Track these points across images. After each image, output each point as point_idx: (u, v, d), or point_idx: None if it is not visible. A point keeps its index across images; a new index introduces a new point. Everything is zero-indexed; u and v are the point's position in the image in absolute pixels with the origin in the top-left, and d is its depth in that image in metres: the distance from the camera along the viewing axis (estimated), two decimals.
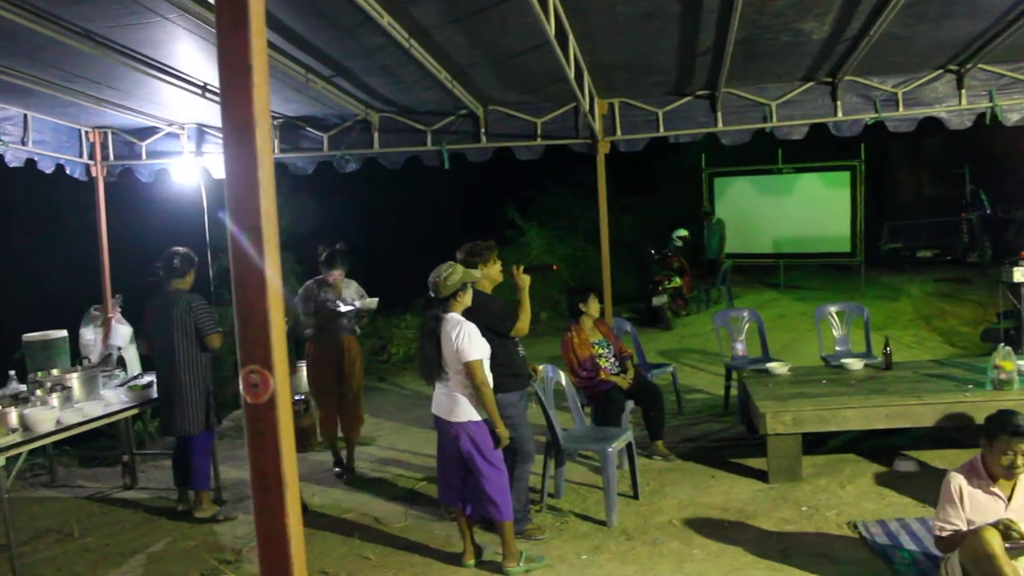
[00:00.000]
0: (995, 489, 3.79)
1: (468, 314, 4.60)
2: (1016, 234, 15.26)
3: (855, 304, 7.97)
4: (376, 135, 7.30)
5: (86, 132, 7.66)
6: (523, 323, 4.90)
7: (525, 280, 4.93)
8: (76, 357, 7.07)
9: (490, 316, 4.80)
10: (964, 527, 3.74)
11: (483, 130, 7.19)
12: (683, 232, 13.95)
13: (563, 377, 5.86)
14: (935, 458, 5.85)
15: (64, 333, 7.01)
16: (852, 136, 6.95)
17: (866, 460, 5.94)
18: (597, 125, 6.84)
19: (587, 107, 6.13)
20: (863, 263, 14.67)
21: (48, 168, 7.38)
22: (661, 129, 7.04)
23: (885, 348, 6.52)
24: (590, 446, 5.56)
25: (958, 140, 16.22)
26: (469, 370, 4.37)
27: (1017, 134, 9.71)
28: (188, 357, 5.61)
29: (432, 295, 4.51)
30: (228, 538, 5.45)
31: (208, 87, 6.21)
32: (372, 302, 6.61)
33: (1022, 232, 14.95)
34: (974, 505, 3.77)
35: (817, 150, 14.34)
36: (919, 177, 19.91)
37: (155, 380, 5.81)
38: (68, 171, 7.64)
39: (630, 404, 6.27)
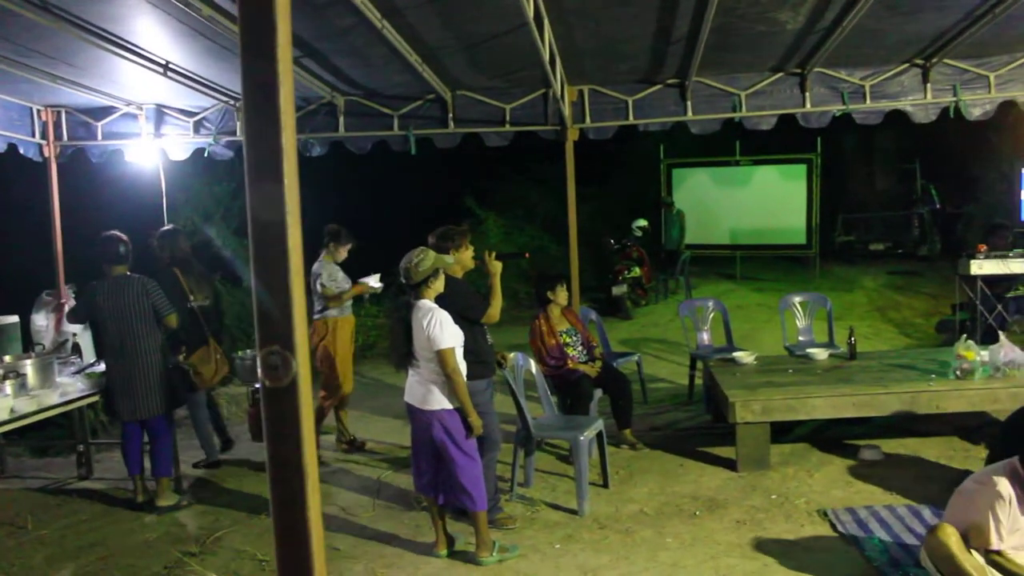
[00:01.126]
0: None
1: (439, 300, 4.53)
2: (965, 229, 15.63)
3: (818, 295, 8.06)
4: (342, 119, 7.15)
5: (38, 111, 7.37)
6: (494, 310, 4.84)
7: (497, 267, 4.87)
8: (28, 343, 6.83)
9: (461, 302, 4.73)
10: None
11: (451, 115, 7.08)
12: (643, 222, 13.98)
13: (533, 365, 5.81)
14: (897, 447, 5.93)
15: (16, 319, 6.78)
16: (820, 127, 7.00)
17: (831, 449, 6.00)
18: (567, 112, 6.79)
19: (559, 92, 6.06)
20: (818, 255, 14.89)
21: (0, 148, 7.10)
22: (631, 117, 7.02)
23: (850, 338, 6.59)
24: (561, 434, 5.52)
25: (910, 136, 16.59)
26: (441, 358, 4.30)
27: (966, 132, 9.95)
28: (148, 340, 5.48)
29: (403, 281, 4.42)
30: (192, 528, 5.30)
31: (171, 65, 6.01)
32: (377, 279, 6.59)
33: (970, 227, 15.30)
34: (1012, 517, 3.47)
35: (775, 143, 14.56)
36: (872, 172, 20.27)
37: (106, 367, 5.61)
38: (22, 151, 7.36)
39: (598, 393, 6.27)
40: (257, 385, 7.25)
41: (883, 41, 6.05)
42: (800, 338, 7.65)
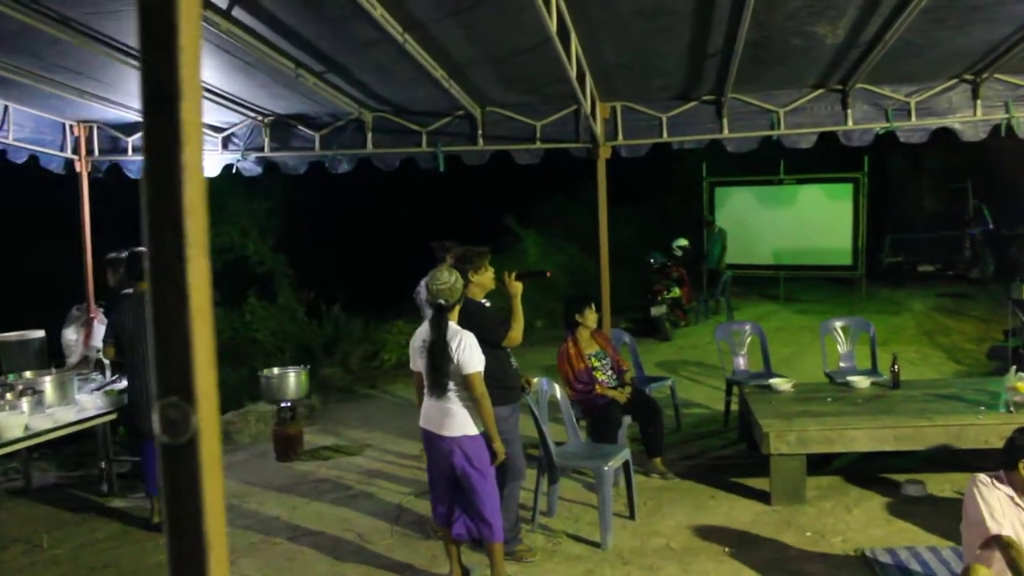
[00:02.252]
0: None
1: (463, 323, 4.38)
2: (1020, 251, 15.06)
3: (861, 319, 7.74)
4: (369, 135, 7.05)
5: (71, 126, 7.41)
6: (516, 332, 4.67)
7: (517, 288, 4.70)
8: (55, 358, 6.83)
9: (482, 325, 4.57)
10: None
11: (480, 132, 6.94)
12: (683, 242, 13.71)
13: (558, 390, 5.61)
14: (942, 482, 5.61)
15: (42, 333, 6.78)
16: (862, 146, 6.71)
17: (871, 484, 5.70)
18: (598, 129, 6.60)
19: (588, 109, 5.88)
20: (864, 277, 14.47)
21: (21, 159, 7.11)
22: (664, 135, 6.80)
23: (893, 366, 6.28)
24: (585, 463, 5.30)
25: (961, 154, 16.05)
26: (470, 382, 4.14)
27: (1021, 149, 9.53)
28: None
29: (441, 303, 4.25)
30: None
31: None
32: None
33: None
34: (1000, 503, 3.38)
35: (820, 162, 14.22)
36: (921, 191, 19.67)
37: (129, 384, 5.55)
38: (43, 163, 7.38)
39: (627, 419, 6.05)
40: (283, 404, 7.27)
41: (929, 56, 5.77)
42: (841, 364, 7.34)
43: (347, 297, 13.28)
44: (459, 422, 4.23)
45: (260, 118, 7.15)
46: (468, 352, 4.12)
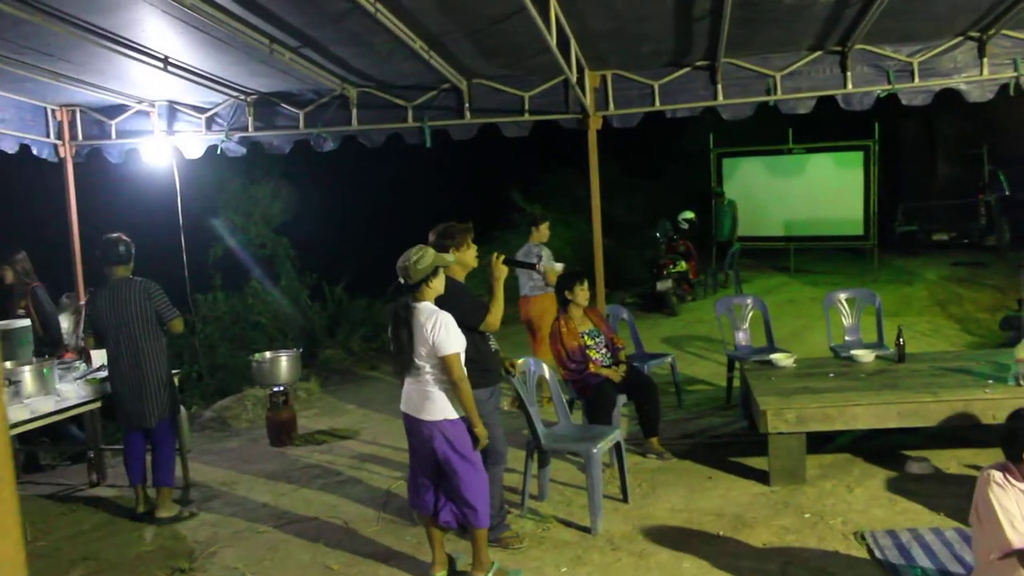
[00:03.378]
0: None
1: (438, 303, 4.21)
2: None
3: (866, 291, 7.48)
4: (355, 111, 6.85)
5: (53, 110, 7.25)
6: (493, 318, 4.47)
7: (502, 271, 4.50)
8: (41, 348, 6.72)
9: (460, 307, 4.39)
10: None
11: (467, 105, 6.72)
12: (690, 214, 13.46)
13: (546, 370, 5.43)
14: (949, 458, 5.41)
15: (27, 323, 6.65)
16: (862, 110, 6.42)
17: (876, 460, 5.50)
18: (588, 99, 6.37)
19: (575, 79, 5.65)
20: (876, 246, 14.20)
21: (11, 148, 7.00)
22: (657, 103, 6.55)
23: (898, 339, 6.05)
24: (574, 446, 5.11)
25: (975, 119, 15.66)
26: (447, 364, 3.97)
27: None
28: (150, 345, 5.29)
29: (401, 281, 4.09)
30: (189, 542, 5.09)
31: (170, 60, 5.78)
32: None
33: None
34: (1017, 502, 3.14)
35: (829, 129, 13.93)
36: (935, 157, 19.23)
37: (109, 373, 5.43)
38: (35, 151, 7.27)
39: (622, 399, 5.87)
40: (276, 388, 7.14)
41: (932, 12, 5.49)
42: (847, 338, 7.11)
43: (351, 278, 13.16)
44: (439, 406, 4.07)
45: (243, 97, 6.96)
46: (443, 332, 3.95)
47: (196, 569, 4.68)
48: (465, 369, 4.14)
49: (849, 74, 6.26)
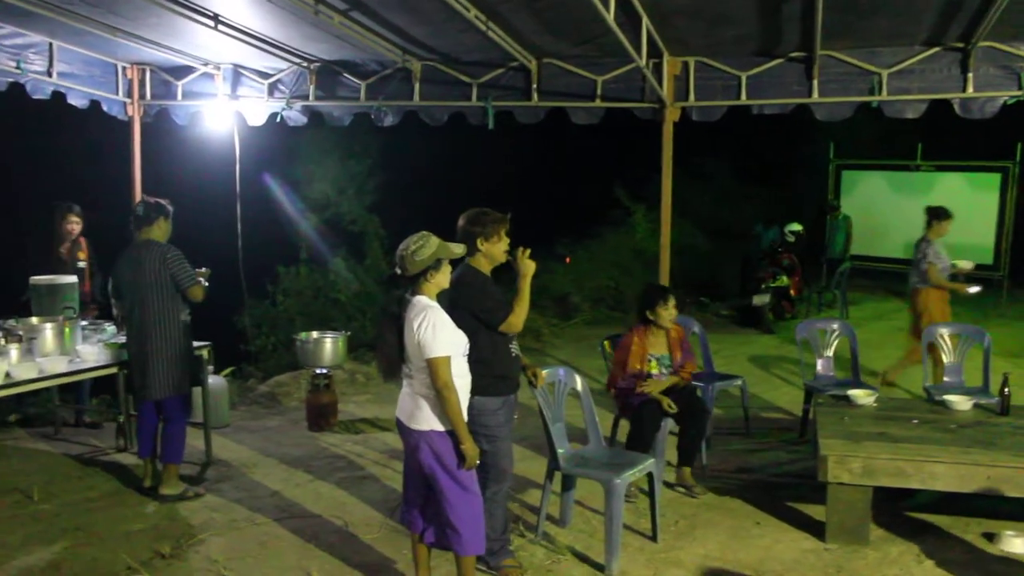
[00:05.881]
0: None
1: (452, 293, 3.78)
2: None
3: (975, 328, 6.55)
4: (417, 86, 6.44)
5: (124, 68, 7.18)
6: (517, 317, 3.95)
7: (530, 267, 3.98)
8: (86, 305, 6.65)
9: (480, 302, 3.91)
10: None
11: (535, 86, 6.19)
12: (797, 227, 12.50)
13: (579, 382, 4.86)
14: None
15: (74, 279, 6.58)
16: (984, 118, 5.52)
17: (959, 528, 4.68)
18: (665, 87, 5.74)
19: (643, 62, 5.02)
20: (1006, 278, 12.85)
21: (81, 103, 6.95)
22: (743, 96, 5.85)
23: (1003, 387, 5.18)
24: (595, 473, 4.49)
25: None
26: (431, 368, 3.51)
27: None
28: (161, 313, 5.04)
29: (398, 272, 3.65)
30: (182, 524, 4.82)
31: (220, 19, 5.52)
32: None
33: None
34: None
35: (965, 147, 12.71)
36: None
37: (126, 340, 5.23)
38: (105, 108, 7.21)
39: (668, 423, 5.22)
40: (318, 370, 6.85)
41: None
42: (945, 379, 6.23)
43: None
44: (426, 414, 3.61)
45: (306, 64, 6.67)
46: (431, 332, 3.47)
47: (176, 556, 4.39)
48: (473, 372, 3.69)
49: (970, 75, 5.37)
